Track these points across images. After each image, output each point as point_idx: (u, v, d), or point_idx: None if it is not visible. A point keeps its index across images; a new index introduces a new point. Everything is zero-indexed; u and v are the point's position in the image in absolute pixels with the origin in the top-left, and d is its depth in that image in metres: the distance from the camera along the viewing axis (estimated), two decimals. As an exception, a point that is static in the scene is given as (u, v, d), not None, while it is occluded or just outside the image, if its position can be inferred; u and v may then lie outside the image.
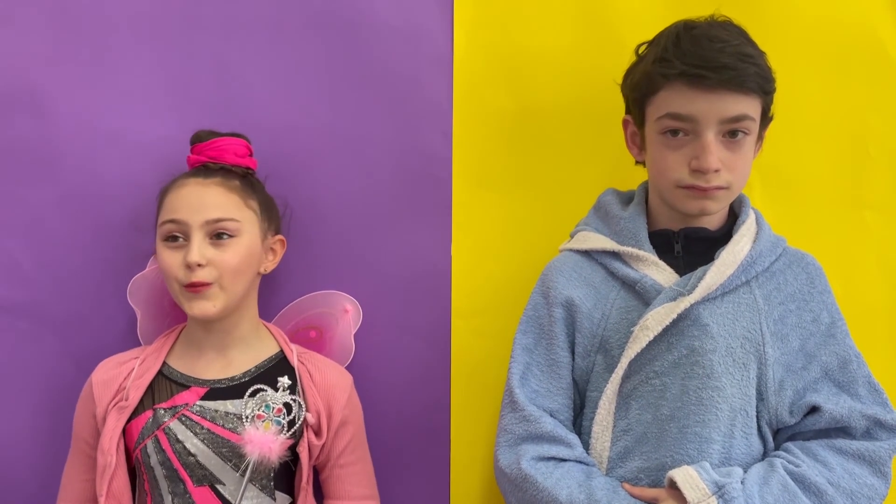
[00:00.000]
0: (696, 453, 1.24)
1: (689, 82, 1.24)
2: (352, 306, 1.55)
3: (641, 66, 1.32)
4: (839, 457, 1.25)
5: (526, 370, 1.33)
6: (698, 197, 1.28)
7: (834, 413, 1.26)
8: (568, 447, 1.28)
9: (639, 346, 1.26)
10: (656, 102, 1.29)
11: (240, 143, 1.45)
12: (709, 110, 1.24)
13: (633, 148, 1.40)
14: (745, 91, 1.24)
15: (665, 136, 1.28)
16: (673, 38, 1.27)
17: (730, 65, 1.22)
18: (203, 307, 1.37)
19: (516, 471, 1.27)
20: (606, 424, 1.29)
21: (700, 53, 1.23)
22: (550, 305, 1.34)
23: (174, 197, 1.39)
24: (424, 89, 1.57)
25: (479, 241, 1.56)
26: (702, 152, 1.25)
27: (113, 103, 1.56)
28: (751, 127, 1.27)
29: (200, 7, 1.57)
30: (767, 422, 1.29)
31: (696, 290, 1.26)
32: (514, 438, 1.29)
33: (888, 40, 1.53)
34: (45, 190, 1.55)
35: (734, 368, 1.26)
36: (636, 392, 1.28)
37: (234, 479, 1.37)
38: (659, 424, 1.26)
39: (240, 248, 1.39)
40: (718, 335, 1.26)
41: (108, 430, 1.37)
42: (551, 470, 1.25)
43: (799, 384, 1.28)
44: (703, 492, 1.18)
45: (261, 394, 1.38)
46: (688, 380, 1.26)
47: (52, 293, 1.55)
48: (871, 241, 1.54)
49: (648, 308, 1.28)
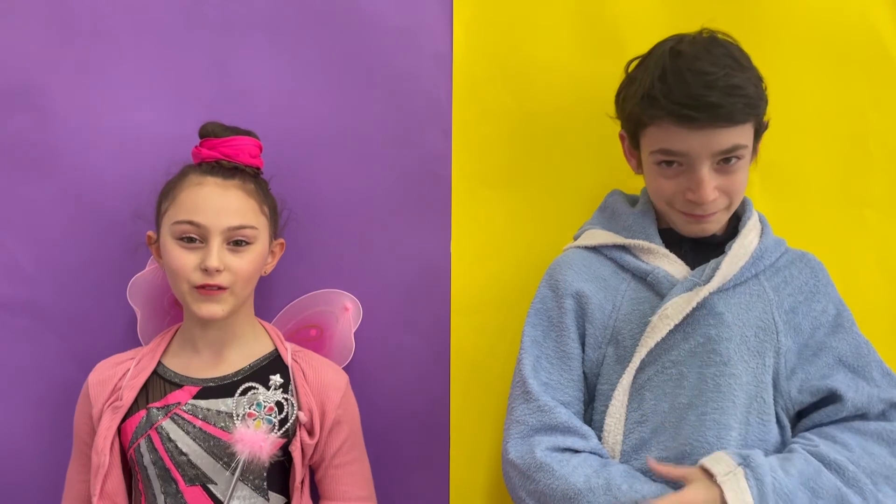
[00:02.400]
0: (716, 440, 1.24)
1: (677, 122, 1.23)
2: (352, 304, 1.55)
3: (630, 99, 1.31)
4: (858, 437, 1.26)
5: (536, 362, 1.32)
6: (693, 223, 1.30)
7: (856, 402, 1.28)
8: (583, 438, 1.27)
9: (658, 335, 1.26)
10: (647, 136, 1.30)
11: (253, 142, 1.44)
12: (700, 146, 1.24)
13: (632, 160, 1.40)
14: (736, 123, 1.23)
15: (660, 166, 1.29)
16: (659, 72, 1.25)
17: (717, 103, 1.20)
18: (212, 310, 1.36)
19: (529, 460, 1.24)
20: (620, 416, 1.28)
21: (687, 91, 1.21)
22: (560, 297, 1.34)
23: (192, 196, 1.37)
24: (424, 87, 1.57)
25: (478, 239, 1.56)
26: (697, 187, 1.26)
27: (113, 101, 1.56)
28: (744, 153, 1.27)
29: (200, 4, 1.57)
30: (783, 408, 1.29)
31: (714, 280, 1.27)
32: (528, 429, 1.27)
33: (888, 38, 1.54)
34: (44, 188, 1.55)
35: (748, 356, 1.27)
36: (651, 382, 1.28)
37: (225, 479, 1.36)
38: (677, 413, 1.26)
39: (254, 255, 1.39)
40: (733, 324, 1.27)
41: (103, 430, 1.37)
42: (568, 459, 1.24)
43: (811, 371, 1.30)
44: (730, 464, 1.18)
45: (252, 392, 1.38)
46: (705, 367, 1.26)
47: (51, 292, 1.55)
48: (871, 240, 1.55)
49: (665, 298, 1.28)
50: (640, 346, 1.28)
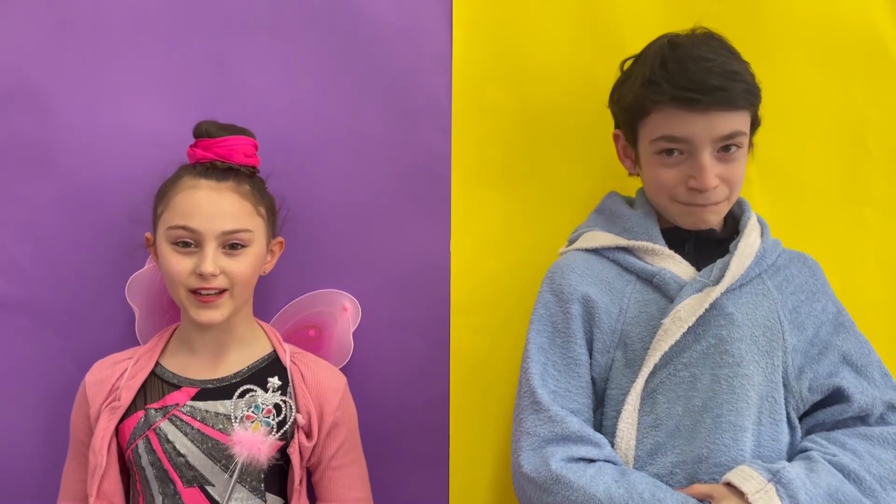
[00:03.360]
0: (732, 442, 1.23)
1: (680, 105, 1.25)
2: (351, 304, 1.55)
3: (629, 88, 1.32)
4: (865, 443, 1.26)
5: (543, 370, 1.29)
6: (696, 213, 1.30)
7: (861, 403, 1.28)
8: (596, 447, 1.24)
9: (672, 339, 1.25)
10: (649, 124, 1.30)
11: (248, 142, 1.43)
12: (702, 131, 1.26)
13: (626, 161, 1.41)
14: (736, 108, 1.26)
15: (660, 155, 1.30)
16: (658, 60, 1.28)
17: (719, 85, 1.23)
18: (210, 316, 1.36)
19: (545, 473, 1.21)
20: (632, 421, 1.26)
21: (688, 76, 1.24)
22: (565, 303, 1.31)
23: (186, 200, 1.36)
24: (424, 86, 1.57)
25: (478, 238, 1.56)
26: (699, 173, 1.27)
27: (111, 100, 1.55)
28: (743, 140, 1.29)
29: (199, 3, 1.56)
30: (795, 408, 1.29)
31: (724, 280, 1.27)
32: (539, 441, 1.24)
33: (888, 37, 1.54)
34: (43, 187, 1.54)
35: (759, 356, 1.27)
36: (663, 386, 1.26)
37: (223, 481, 1.35)
38: (691, 416, 1.24)
39: (251, 257, 1.38)
40: (743, 323, 1.27)
41: (100, 431, 1.36)
42: (584, 469, 1.21)
43: (819, 369, 1.30)
44: (760, 481, 1.17)
45: (251, 395, 1.37)
46: (718, 369, 1.25)
47: (50, 290, 1.54)
48: (871, 238, 1.55)
49: (676, 300, 1.27)
50: (652, 349, 1.26)
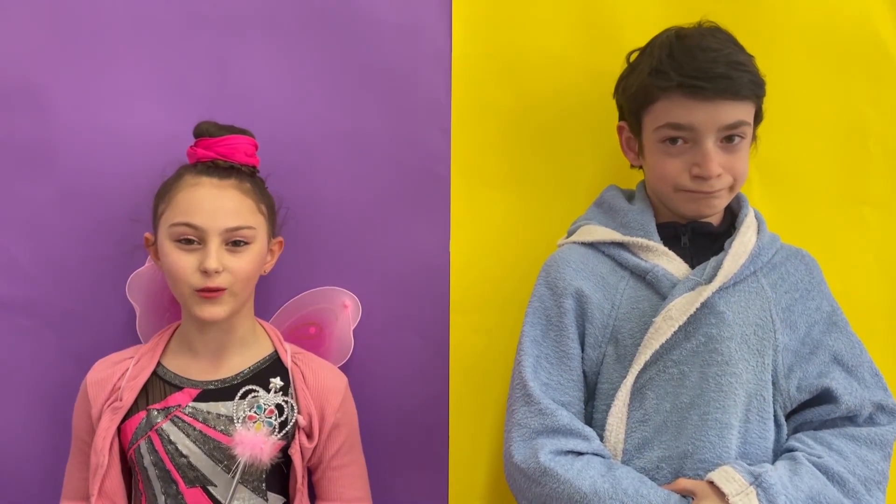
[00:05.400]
0: (718, 439, 1.24)
1: (686, 93, 1.27)
2: (351, 302, 1.55)
3: (636, 77, 1.34)
4: (852, 444, 1.27)
5: (536, 363, 1.31)
6: (700, 199, 1.31)
7: (850, 403, 1.29)
8: (585, 440, 1.26)
9: (663, 337, 1.26)
10: (654, 112, 1.31)
11: (249, 141, 1.43)
12: (707, 119, 1.27)
13: (630, 153, 1.41)
14: (741, 98, 1.28)
15: (665, 143, 1.31)
16: (666, 50, 1.29)
17: (725, 74, 1.25)
18: (213, 312, 1.36)
19: (534, 465, 1.24)
20: (621, 416, 1.28)
21: (695, 65, 1.26)
22: (559, 296, 1.33)
23: (189, 198, 1.36)
24: (423, 86, 1.57)
25: (477, 238, 1.56)
26: (703, 160, 1.28)
27: (111, 100, 1.55)
28: (746, 131, 1.31)
29: (199, 3, 1.56)
30: (782, 406, 1.30)
31: (716, 279, 1.27)
32: (530, 432, 1.27)
33: (888, 37, 1.54)
34: (43, 186, 1.54)
35: (749, 355, 1.28)
36: (652, 382, 1.28)
37: (225, 481, 1.36)
38: (679, 413, 1.26)
39: (253, 254, 1.39)
40: (734, 322, 1.28)
41: (102, 430, 1.37)
42: (571, 462, 1.23)
43: (808, 369, 1.30)
44: (741, 483, 1.19)
45: (252, 395, 1.38)
46: (706, 367, 1.26)
47: (50, 289, 1.55)
48: (870, 238, 1.55)
49: (668, 298, 1.28)
50: (643, 346, 1.28)
